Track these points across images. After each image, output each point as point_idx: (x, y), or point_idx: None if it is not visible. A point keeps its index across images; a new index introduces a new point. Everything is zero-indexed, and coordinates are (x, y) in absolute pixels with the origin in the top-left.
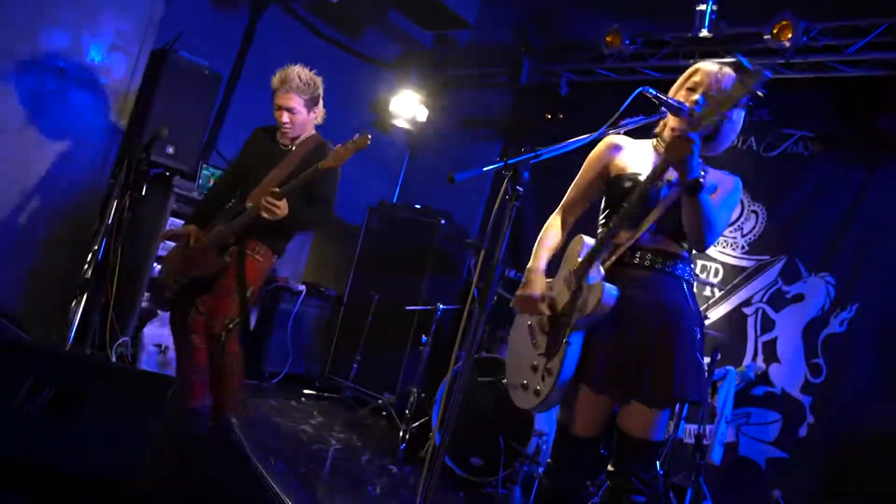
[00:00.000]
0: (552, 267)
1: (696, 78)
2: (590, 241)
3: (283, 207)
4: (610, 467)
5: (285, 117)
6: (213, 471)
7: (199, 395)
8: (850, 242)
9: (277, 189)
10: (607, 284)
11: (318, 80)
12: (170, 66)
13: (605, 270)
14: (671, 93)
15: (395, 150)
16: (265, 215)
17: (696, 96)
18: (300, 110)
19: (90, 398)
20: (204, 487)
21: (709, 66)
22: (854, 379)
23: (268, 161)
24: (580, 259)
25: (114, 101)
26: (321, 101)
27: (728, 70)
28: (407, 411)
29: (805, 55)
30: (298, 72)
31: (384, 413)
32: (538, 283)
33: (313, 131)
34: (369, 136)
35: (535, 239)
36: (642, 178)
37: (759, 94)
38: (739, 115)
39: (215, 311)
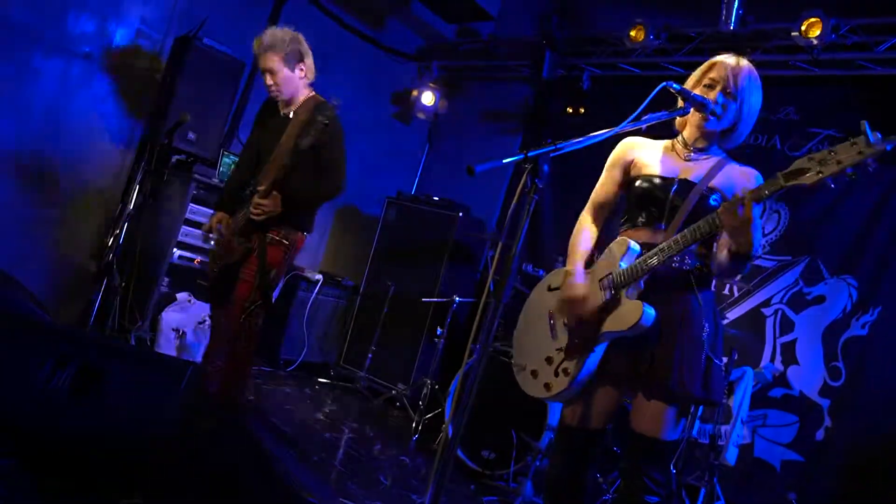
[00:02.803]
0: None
1: (713, 74)
2: (636, 246)
3: (271, 205)
4: (623, 465)
5: (268, 80)
6: (227, 455)
7: (214, 379)
8: (875, 244)
9: (262, 187)
10: (647, 306)
11: (297, 35)
12: (193, 53)
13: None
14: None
15: (415, 142)
16: (259, 218)
17: (715, 93)
18: (280, 68)
19: (111, 378)
20: (218, 471)
21: (725, 60)
22: (874, 383)
23: (274, 135)
24: (622, 266)
25: (138, 87)
26: (307, 58)
27: (745, 62)
28: (420, 402)
29: (834, 53)
30: (272, 31)
31: (397, 403)
32: (581, 288)
33: (309, 91)
34: (336, 103)
35: (553, 233)
36: (659, 179)
37: (869, 168)
38: (757, 99)
39: (236, 296)
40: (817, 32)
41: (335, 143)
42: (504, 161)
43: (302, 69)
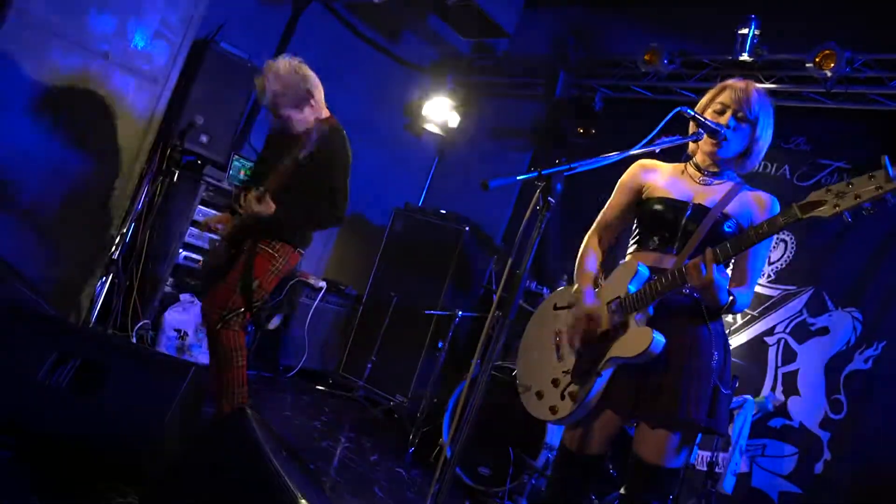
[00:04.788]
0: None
1: (723, 98)
2: (644, 270)
3: (261, 206)
4: (622, 491)
5: (278, 120)
6: (224, 457)
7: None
8: (882, 278)
9: (258, 189)
10: (657, 333)
11: (303, 72)
12: (210, 56)
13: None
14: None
15: (425, 154)
16: (244, 214)
17: (726, 118)
18: (290, 114)
19: (112, 376)
20: (215, 473)
21: (736, 84)
22: (875, 418)
23: (281, 152)
24: (630, 289)
25: (153, 88)
26: (317, 92)
27: (755, 85)
28: (418, 415)
29: (847, 86)
30: (276, 70)
31: (395, 415)
32: (592, 307)
33: (324, 114)
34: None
35: (558, 251)
36: (673, 202)
37: (888, 204)
38: (769, 123)
39: (214, 300)
40: (831, 65)
41: (336, 169)
42: (518, 178)
43: (312, 105)
